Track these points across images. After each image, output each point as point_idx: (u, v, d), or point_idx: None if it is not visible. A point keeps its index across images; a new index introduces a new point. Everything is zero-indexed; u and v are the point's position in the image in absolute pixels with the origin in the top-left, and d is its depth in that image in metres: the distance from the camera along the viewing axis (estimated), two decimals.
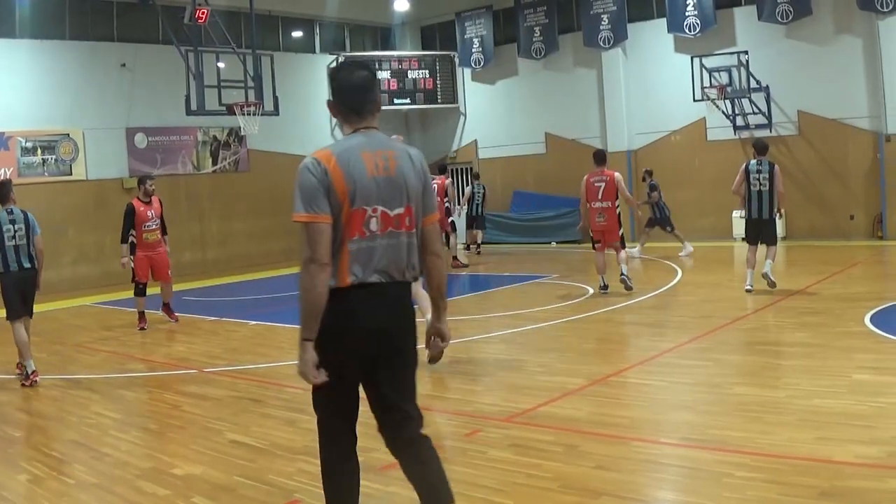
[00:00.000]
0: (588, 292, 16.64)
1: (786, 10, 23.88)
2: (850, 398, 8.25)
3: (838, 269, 17.50)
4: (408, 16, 32.24)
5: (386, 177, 4.76)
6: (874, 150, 23.28)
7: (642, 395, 9.20)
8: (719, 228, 24.98)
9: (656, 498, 6.41)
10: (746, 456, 6.77)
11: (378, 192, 4.73)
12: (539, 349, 12.15)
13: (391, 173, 4.79)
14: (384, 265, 4.77)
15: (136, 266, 15.68)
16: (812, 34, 23.91)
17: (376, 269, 4.74)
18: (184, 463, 7.57)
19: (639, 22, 27.55)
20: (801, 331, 11.99)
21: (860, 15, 22.97)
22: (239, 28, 25.05)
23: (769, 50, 24.38)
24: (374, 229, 4.73)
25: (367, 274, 4.72)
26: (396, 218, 4.79)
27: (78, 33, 23.97)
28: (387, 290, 4.79)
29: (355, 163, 4.70)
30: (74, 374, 12.08)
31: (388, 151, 4.84)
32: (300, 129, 27.97)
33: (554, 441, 7.59)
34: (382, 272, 4.77)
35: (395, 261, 4.81)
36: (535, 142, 30.13)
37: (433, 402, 9.47)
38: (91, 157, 23.75)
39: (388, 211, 4.76)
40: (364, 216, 4.70)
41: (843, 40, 23.57)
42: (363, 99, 4.90)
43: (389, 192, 4.77)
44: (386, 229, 4.76)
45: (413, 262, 4.91)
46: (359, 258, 4.70)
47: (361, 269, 4.71)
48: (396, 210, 4.79)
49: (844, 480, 6.14)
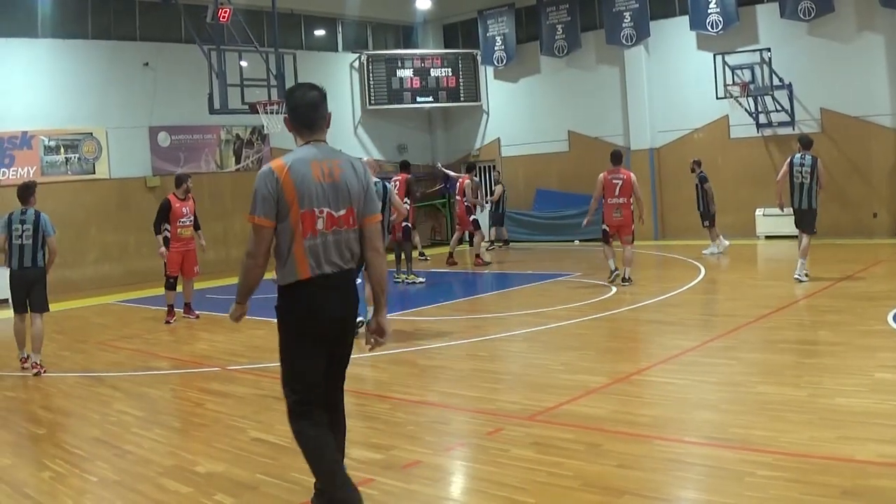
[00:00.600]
0: (611, 291, 16.62)
1: (808, 7, 23.78)
2: (872, 397, 8.22)
3: (861, 268, 17.42)
4: (430, 14, 32.30)
5: (331, 182, 5.64)
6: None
7: (664, 394, 9.17)
8: (741, 226, 24.90)
9: (678, 497, 6.40)
10: (769, 455, 6.75)
11: (324, 196, 5.60)
12: (561, 347, 12.13)
13: (335, 179, 5.66)
14: (334, 258, 5.66)
15: (169, 260, 16.02)
16: (834, 31, 23.82)
17: (328, 261, 5.63)
18: (206, 461, 7.60)
19: (661, 19, 27.47)
20: (824, 329, 11.96)
21: (882, 12, 22.85)
22: (261, 27, 25.08)
23: (792, 47, 24.30)
24: (322, 228, 5.60)
25: (322, 267, 5.61)
26: (340, 218, 5.67)
27: (100, 33, 24.11)
28: (339, 278, 5.71)
29: (305, 171, 5.57)
30: (97, 371, 12.15)
31: (334, 161, 5.73)
32: None
33: (576, 439, 7.57)
34: (333, 264, 5.66)
35: (342, 253, 5.71)
36: (558, 140, 30.10)
37: (454, 401, 9.51)
38: (114, 155, 23.86)
39: (333, 212, 5.64)
40: (314, 217, 5.57)
41: (865, 37, 23.46)
42: (314, 115, 5.80)
43: (334, 195, 5.64)
44: (332, 227, 5.64)
45: (355, 252, 5.81)
46: (313, 253, 5.58)
47: (316, 263, 5.59)
48: (340, 211, 5.67)
49: (867, 479, 6.11)
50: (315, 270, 5.58)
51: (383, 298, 5.97)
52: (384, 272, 5.98)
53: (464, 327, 14.06)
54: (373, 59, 30.84)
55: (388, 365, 11.54)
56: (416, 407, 9.25)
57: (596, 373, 10.23)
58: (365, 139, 30.96)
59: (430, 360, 11.81)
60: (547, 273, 20.42)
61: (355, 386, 10.49)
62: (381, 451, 7.53)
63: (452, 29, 33.55)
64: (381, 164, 29.83)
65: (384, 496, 6.47)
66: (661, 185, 27.55)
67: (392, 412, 9.04)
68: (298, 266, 5.57)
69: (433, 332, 13.88)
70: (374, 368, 11.47)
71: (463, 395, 9.75)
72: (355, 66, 30.87)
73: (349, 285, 5.83)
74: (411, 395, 9.72)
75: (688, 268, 19.58)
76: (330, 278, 5.64)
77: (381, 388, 10.31)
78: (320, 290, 5.62)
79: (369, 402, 9.62)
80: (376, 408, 9.29)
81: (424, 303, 16.89)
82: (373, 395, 9.91)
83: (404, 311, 15.87)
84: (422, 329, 14.19)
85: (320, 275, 5.60)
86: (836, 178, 23.88)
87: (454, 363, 11.61)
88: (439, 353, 12.16)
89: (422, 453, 7.48)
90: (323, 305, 5.64)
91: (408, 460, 7.24)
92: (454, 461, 7.45)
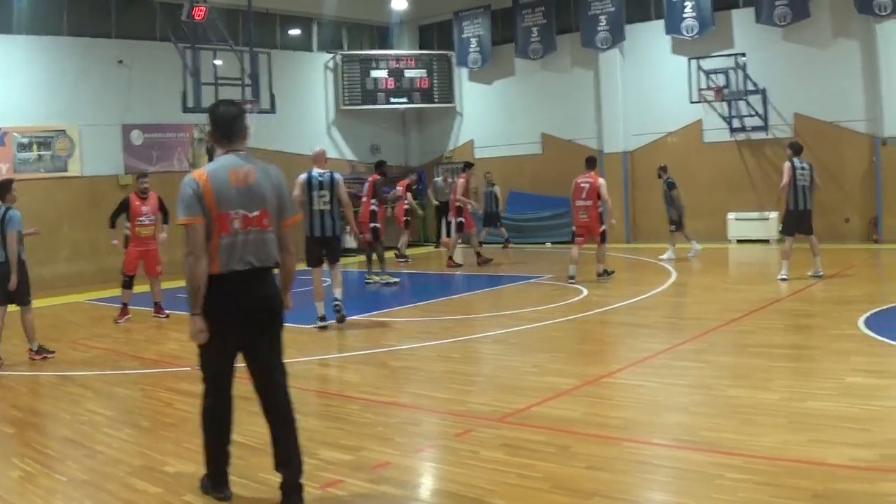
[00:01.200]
0: (582, 293, 16.64)
1: (784, 12, 23.94)
2: (843, 401, 8.25)
3: (833, 272, 17.49)
4: (406, 15, 32.32)
5: (245, 187, 6.20)
6: (870, 154, 23.36)
7: (635, 396, 9.18)
8: (713, 230, 25.00)
9: (648, 499, 6.40)
10: (739, 458, 6.76)
11: (239, 199, 6.16)
12: (532, 349, 12.12)
13: (250, 184, 6.22)
14: (247, 256, 6.17)
15: (127, 259, 16.07)
16: (810, 37, 23.98)
17: (241, 259, 6.15)
18: (176, 461, 7.55)
19: (637, 23, 27.63)
20: (796, 333, 12.01)
21: (858, 18, 23.04)
22: (236, 25, 24.97)
23: (767, 52, 24.45)
24: (237, 228, 6.14)
25: (234, 263, 6.13)
26: (255, 219, 6.22)
27: (75, 29, 24.00)
28: (250, 275, 6.21)
29: (222, 177, 6.15)
30: (68, 370, 12.05)
31: (249, 167, 6.29)
32: (296, 127, 28.06)
33: (546, 441, 7.56)
34: (246, 262, 6.17)
35: (256, 252, 6.21)
36: (532, 142, 30.20)
37: (425, 402, 9.49)
38: (87, 153, 23.75)
39: (247, 213, 6.18)
40: (229, 218, 6.11)
41: (840, 43, 23.63)
42: (233, 128, 6.40)
43: (248, 198, 6.20)
44: (246, 227, 6.18)
45: (270, 252, 6.32)
46: (226, 250, 6.11)
47: (229, 259, 6.12)
48: (254, 212, 6.21)
49: (837, 483, 6.13)
50: (227, 267, 6.11)
51: (288, 289, 6.59)
52: (293, 270, 6.63)
53: (436, 329, 14.03)
54: (347, 60, 30.84)
55: (359, 366, 11.53)
56: (386, 408, 9.22)
57: (566, 375, 10.22)
58: (338, 139, 30.91)
59: (401, 361, 11.77)
60: (519, 275, 20.43)
61: (325, 386, 10.50)
62: (350, 452, 7.51)
63: (428, 30, 33.58)
64: (353, 164, 29.95)
65: (353, 497, 6.45)
66: (633, 188, 27.64)
67: (362, 413, 9.01)
68: (212, 262, 6.10)
69: (404, 333, 13.88)
70: (344, 369, 11.46)
71: (433, 397, 9.73)
72: (330, 67, 30.84)
73: (261, 282, 6.31)
74: (381, 396, 9.69)
75: (659, 271, 19.64)
76: (243, 274, 6.16)
77: (350, 389, 10.28)
78: (230, 284, 6.14)
79: (339, 402, 9.59)
80: (346, 408, 9.26)
81: (396, 304, 16.88)
82: (343, 396, 9.88)
83: (376, 312, 15.85)
84: (393, 330, 14.17)
85: (231, 271, 6.13)
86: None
87: (425, 364, 11.58)
88: (410, 355, 12.13)
89: (391, 454, 7.45)
90: (230, 299, 6.15)
91: (377, 461, 7.22)
92: (424, 462, 7.43)
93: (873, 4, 22.46)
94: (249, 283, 6.21)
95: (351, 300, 15.67)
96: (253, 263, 6.19)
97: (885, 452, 6.68)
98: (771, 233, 24.45)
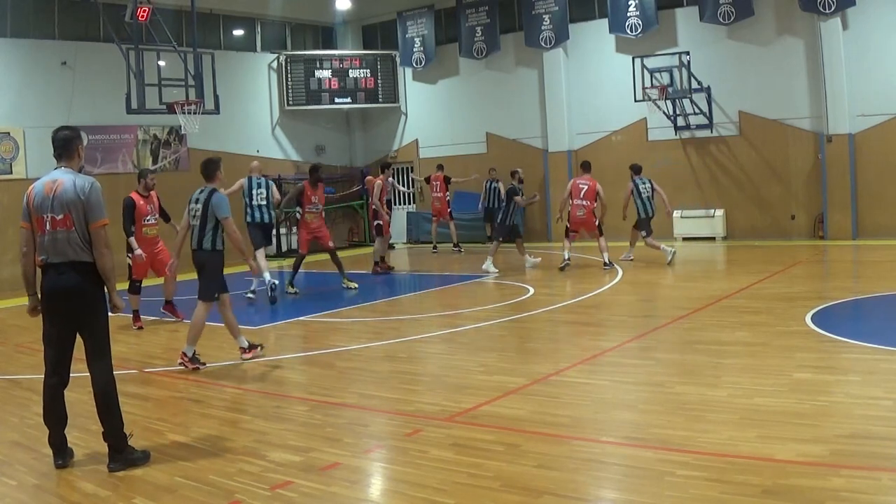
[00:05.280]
0: (529, 292, 16.66)
1: (728, 10, 24.11)
2: (791, 397, 8.31)
3: (779, 269, 17.65)
4: (349, 15, 32.28)
5: (54, 195, 7.41)
6: (815, 151, 23.56)
7: (583, 395, 9.19)
8: (659, 228, 25.07)
9: (598, 497, 6.41)
10: (688, 455, 6.79)
11: (50, 205, 7.39)
12: (479, 348, 12.13)
13: (56, 193, 7.41)
14: (60, 251, 7.37)
15: (135, 263, 15.37)
16: (754, 35, 24.18)
17: (55, 253, 7.37)
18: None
19: (580, 22, 27.72)
20: (743, 330, 12.06)
21: (802, 16, 23.25)
22: (180, 26, 24.79)
23: (711, 51, 24.64)
24: (48, 228, 7.38)
25: (49, 257, 7.38)
26: (60, 221, 7.38)
27: (19, 31, 23.71)
28: (66, 267, 7.37)
29: (39, 188, 7.51)
30: (15, 374, 11.93)
31: (60, 180, 7.48)
32: (240, 128, 27.96)
33: (495, 440, 7.57)
34: (61, 255, 7.37)
35: (63, 249, 7.38)
36: (476, 141, 30.22)
37: (373, 402, 9.46)
38: (31, 155, 23.40)
39: (55, 216, 7.37)
40: (43, 221, 7.41)
41: (784, 41, 23.84)
42: (61, 150, 7.72)
43: (56, 205, 7.39)
44: (55, 228, 7.38)
45: (75, 249, 7.40)
46: (43, 247, 7.43)
47: (46, 254, 7.40)
48: (59, 216, 7.38)
49: (787, 479, 6.16)
50: (45, 260, 7.40)
51: (111, 284, 7.58)
52: (105, 264, 7.46)
53: (382, 329, 14.00)
54: (291, 60, 30.71)
55: (306, 367, 11.50)
56: (334, 409, 9.19)
57: (514, 374, 10.23)
58: (283, 140, 30.79)
59: (348, 361, 11.72)
60: (464, 274, 20.46)
61: (273, 388, 10.42)
62: (299, 454, 7.47)
63: (372, 30, 33.49)
64: (297, 164, 29.85)
65: (303, 498, 6.42)
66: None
67: (310, 414, 8.97)
68: (36, 256, 7.52)
69: (351, 333, 13.85)
70: (291, 370, 11.40)
71: (381, 397, 9.70)
72: (273, 67, 30.70)
73: (74, 274, 7.39)
74: (329, 397, 9.65)
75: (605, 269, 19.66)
76: (57, 267, 7.38)
77: (298, 390, 10.24)
78: (48, 275, 7.42)
79: (287, 403, 9.54)
80: (294, 409, 9.22)
81: (342, 304, 16.78)
82: (291, 397, 9.83)
83: (322, 313, 15.77)
84: (339, 330, 14.14)
85: (49, 263, 7.40)
86: (754, 180, 24.35)
87: (372, 365, 11.55)
88: (357, 355, 12.10)
89: (341, 455, 7.42)
90: (48, 287, 7.43)
91: (327, 462, 7.18)
92: (373, 463, 7.40)
93: (817, 2, 22.65)
94: (62, 274, 7.37)
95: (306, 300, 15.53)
96: (67, 257, 7.37)
97: (834, 448, 6.73)
98: (717, 230, 24.64)
